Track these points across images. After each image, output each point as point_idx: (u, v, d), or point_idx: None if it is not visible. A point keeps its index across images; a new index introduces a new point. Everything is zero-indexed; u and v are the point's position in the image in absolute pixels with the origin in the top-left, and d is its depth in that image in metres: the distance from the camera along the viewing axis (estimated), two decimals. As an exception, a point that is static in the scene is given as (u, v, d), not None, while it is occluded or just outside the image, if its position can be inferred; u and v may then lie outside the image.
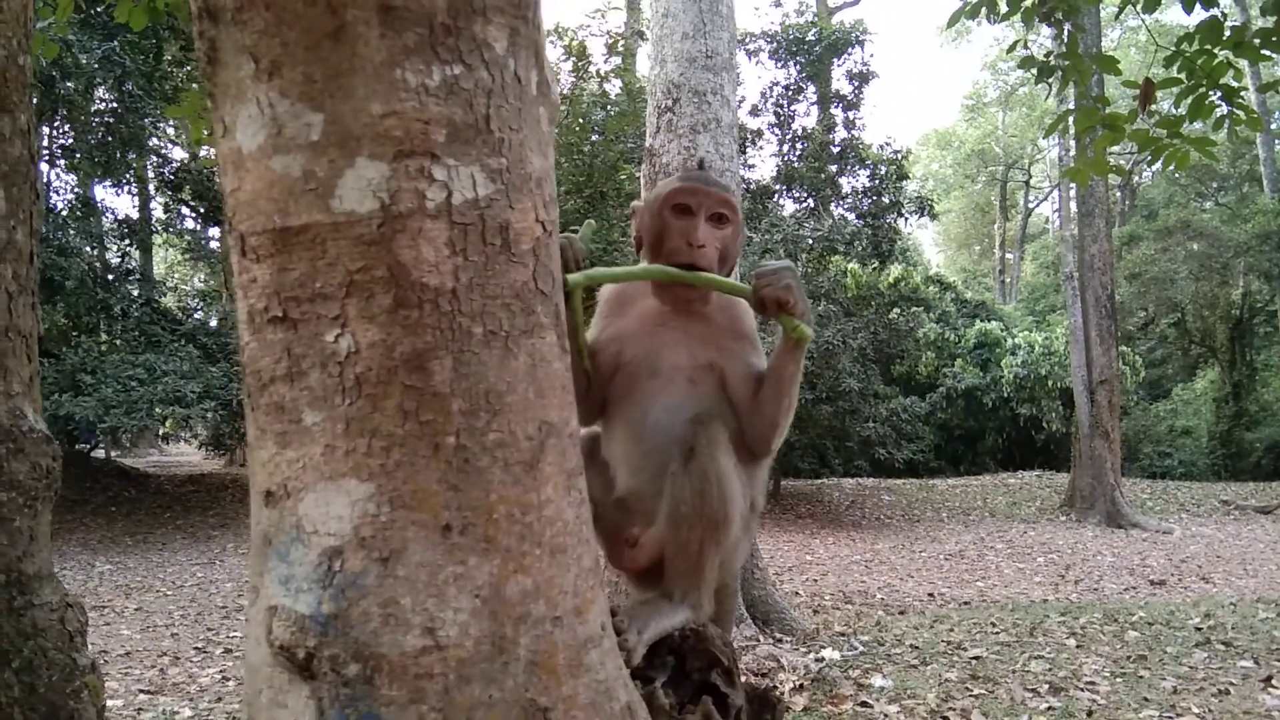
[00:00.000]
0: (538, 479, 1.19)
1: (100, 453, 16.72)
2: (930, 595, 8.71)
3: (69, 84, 12.06)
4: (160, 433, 18.70)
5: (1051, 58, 4.93)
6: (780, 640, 5.76)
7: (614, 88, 15.29)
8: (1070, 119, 4.87)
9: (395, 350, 1.11)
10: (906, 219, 16.07)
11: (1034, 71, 4.99)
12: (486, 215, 1.16)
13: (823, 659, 5.17)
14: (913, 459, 17.81)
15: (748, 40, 15.71)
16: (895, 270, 17.99)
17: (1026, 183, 38.32)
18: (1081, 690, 4.33)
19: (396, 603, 1.09)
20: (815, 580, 9.39)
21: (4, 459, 2.64)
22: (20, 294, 2.89)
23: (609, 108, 14.14)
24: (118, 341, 13.36)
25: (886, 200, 15.13)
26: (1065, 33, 4.87)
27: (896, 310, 15.93)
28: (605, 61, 15.74)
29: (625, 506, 1.82)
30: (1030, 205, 39.10)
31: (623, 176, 13.73)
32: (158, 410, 12.03)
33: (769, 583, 6.41)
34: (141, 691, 5.16)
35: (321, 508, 1.12)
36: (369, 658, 1.09)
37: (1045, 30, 6.28)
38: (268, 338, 1.15)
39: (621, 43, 16.09)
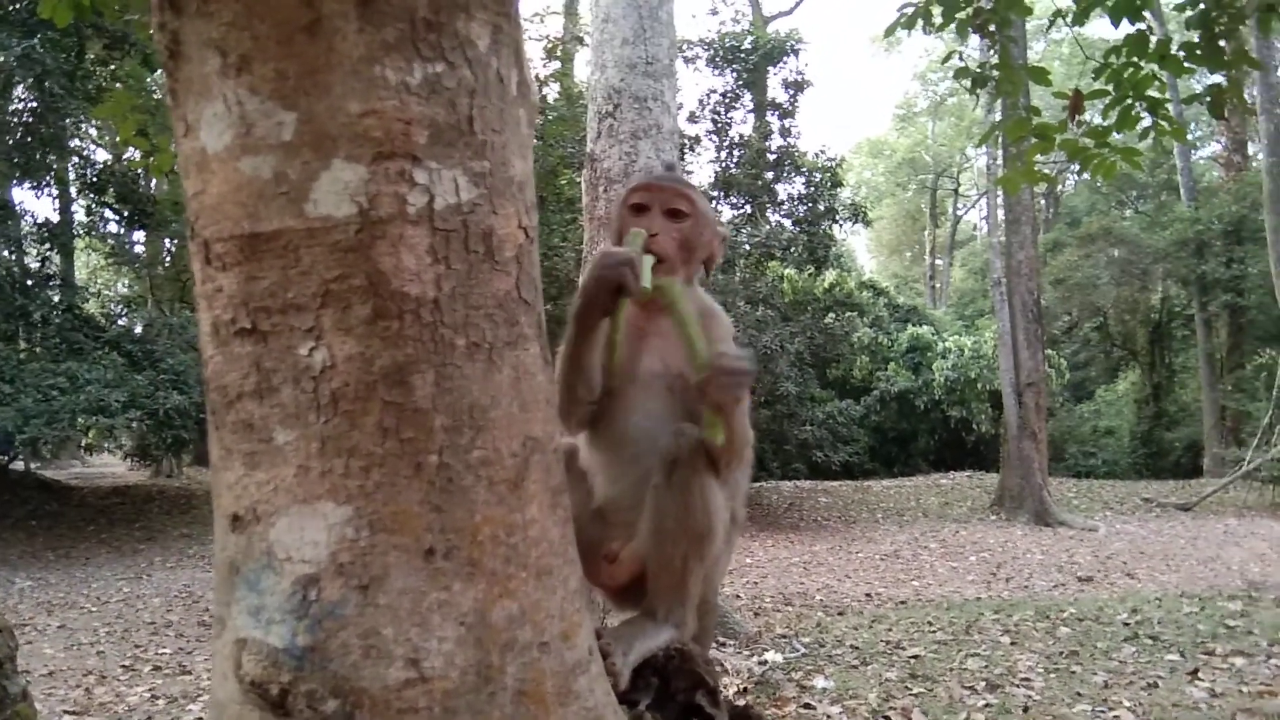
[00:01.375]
0: (523, 498, 1.14)
1: (19, 464, 16.05)
2: (868, 595, 8.77)
3: (-14, 82, 11.60)
4: (83, 443, 18.02)
5: (987, 69, 4.99)
6: (723, 644, 5.73)
7: (552, 92, 15.20)
8: (1002, 129, 4.94)
9: (374, 364, 1.05)
10: (841, 225, 16.25)
11: (967, 82, 5.03)
12: (469, 221, 1.10)
13: (766, 662, 5.16)
14: (848, 461, 17.99)
15: (685, 48, 15.75)
16: (830, 276, 18.20)
17: (955, 190, 39.12)
18: (1017, 687, 4.37)
19: (378, 633, 1.03)
20: (755, 583, 9.40)
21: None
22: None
23: (547, 112, 14.05)
24: (38, 349, 12.84)
25: (821, 207, 15.27)
26: (998, 44, 4.93)
27: (832, 315, 16.10)
28: (544, 66, 15.63)
29: (603, 518, 1.76)
30: (959, 213, 39.92)
31: (563, 181, 13.65)
32: (80, 420, 11.60)
33: (713, 588, 6.37)
34: (66, 713, 4.93)
35: (295, 533, 1.05)
36: (349, 692, 1.02)
37: (974, 42, 6.37)
38: (235, 351, 1.08)
39: (560, 47, 16.00)
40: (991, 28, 4.97)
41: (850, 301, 17.77)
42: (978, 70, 4.99)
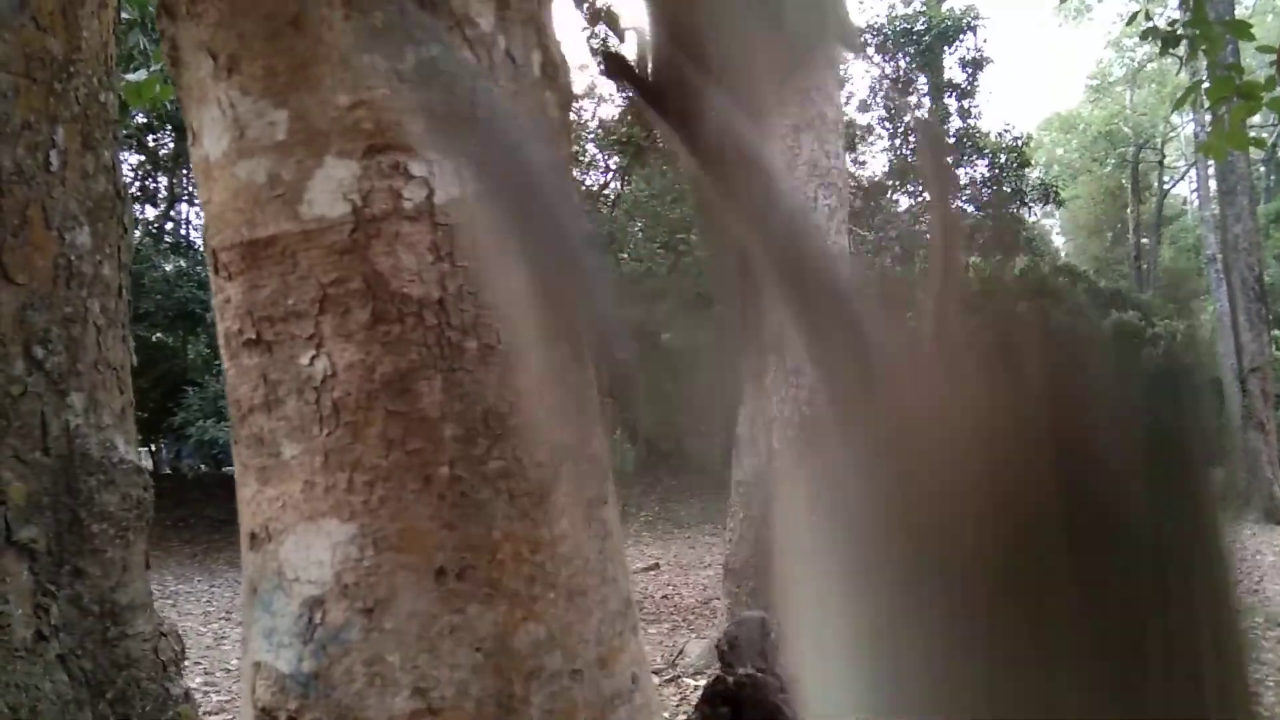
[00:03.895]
0: (550, 512, 1.04)
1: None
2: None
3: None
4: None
5: (1177, 26, 4.58)
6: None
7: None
8: (1202, 90, 4.51)
9: (376, 371, 0.98)
10: (1030, 208, 15.40)
11: (1158, 43, 4.65)
12: (478, 214, 1.02)
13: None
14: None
15: (853, 34, 15.34)
16: (1021, 262, 17.25)
17: (1160, 163, 36.20)
18: (1243, 702, 3.96)
19: (383, 659, 0.95)
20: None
21: (95, 491, 2.66)
22: (109, 327, 2.92)
23: (712, 112, 13.97)
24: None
25: (1008, 189, 14.52)
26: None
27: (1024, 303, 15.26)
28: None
29: None
30: (1165, 186, 36.95)
31: (727, 181, 13.56)
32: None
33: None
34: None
35: (302, 552, 0.99)
36: (353, 723, 0.96)
37: (1173, 1, 5.86)
38: (244, 363, 1.04)
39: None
40: (1183, -20, 4.56)
41: (1044, 288, 16.80)
42: (1168, 29, 4.59)
